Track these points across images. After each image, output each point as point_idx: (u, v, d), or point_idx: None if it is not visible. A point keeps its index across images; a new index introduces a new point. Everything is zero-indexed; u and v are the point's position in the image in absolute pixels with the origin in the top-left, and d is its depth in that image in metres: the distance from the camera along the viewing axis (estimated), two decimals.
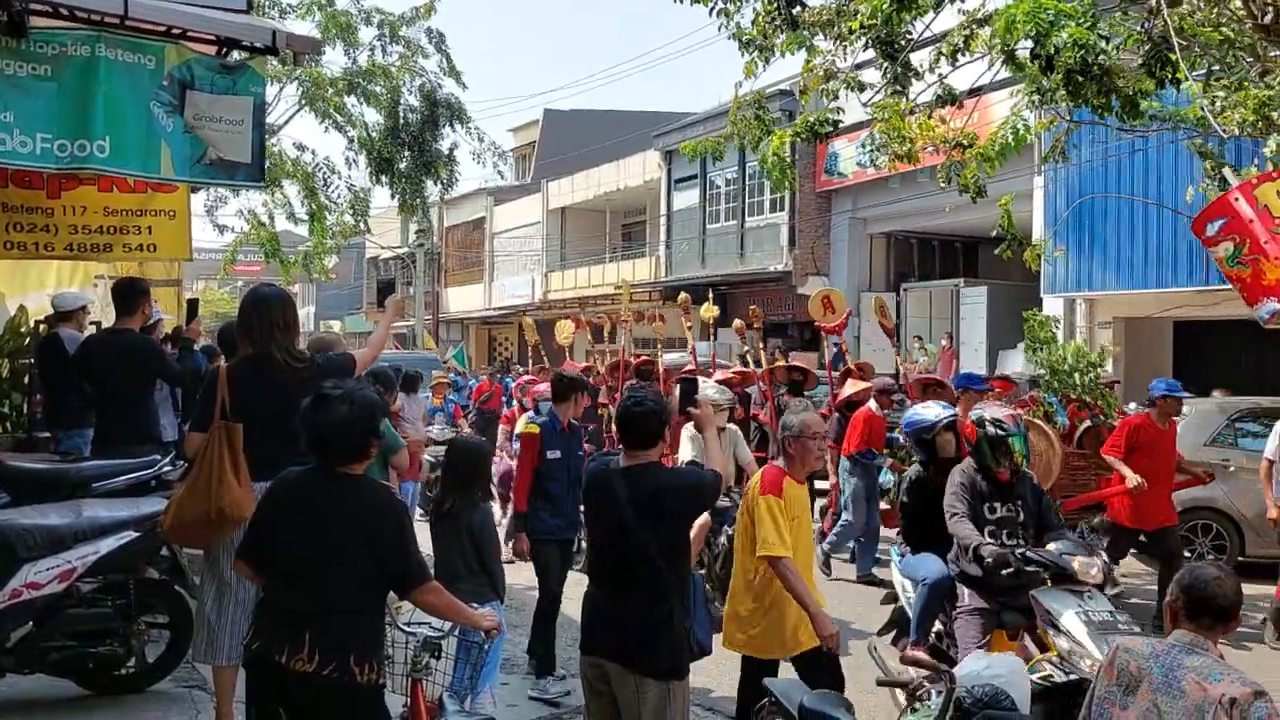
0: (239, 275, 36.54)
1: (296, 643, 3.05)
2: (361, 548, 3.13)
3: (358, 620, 3.15)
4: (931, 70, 8.03)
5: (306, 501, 3.22)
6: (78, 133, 5.12)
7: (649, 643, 3.59)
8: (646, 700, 3.56)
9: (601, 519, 3.79)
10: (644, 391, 3.94)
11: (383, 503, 3.26)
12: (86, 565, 4.41)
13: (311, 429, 3.21)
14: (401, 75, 15.41)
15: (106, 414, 6.03)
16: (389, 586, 3.25)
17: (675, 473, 4.29)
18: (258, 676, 3.18)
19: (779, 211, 20.86)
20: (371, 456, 3.31)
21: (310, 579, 3.13)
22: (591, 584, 3.84)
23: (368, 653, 3.13)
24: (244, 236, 16.74)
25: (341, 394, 3.23)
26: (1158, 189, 12.56)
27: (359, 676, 3.08)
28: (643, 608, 3.60)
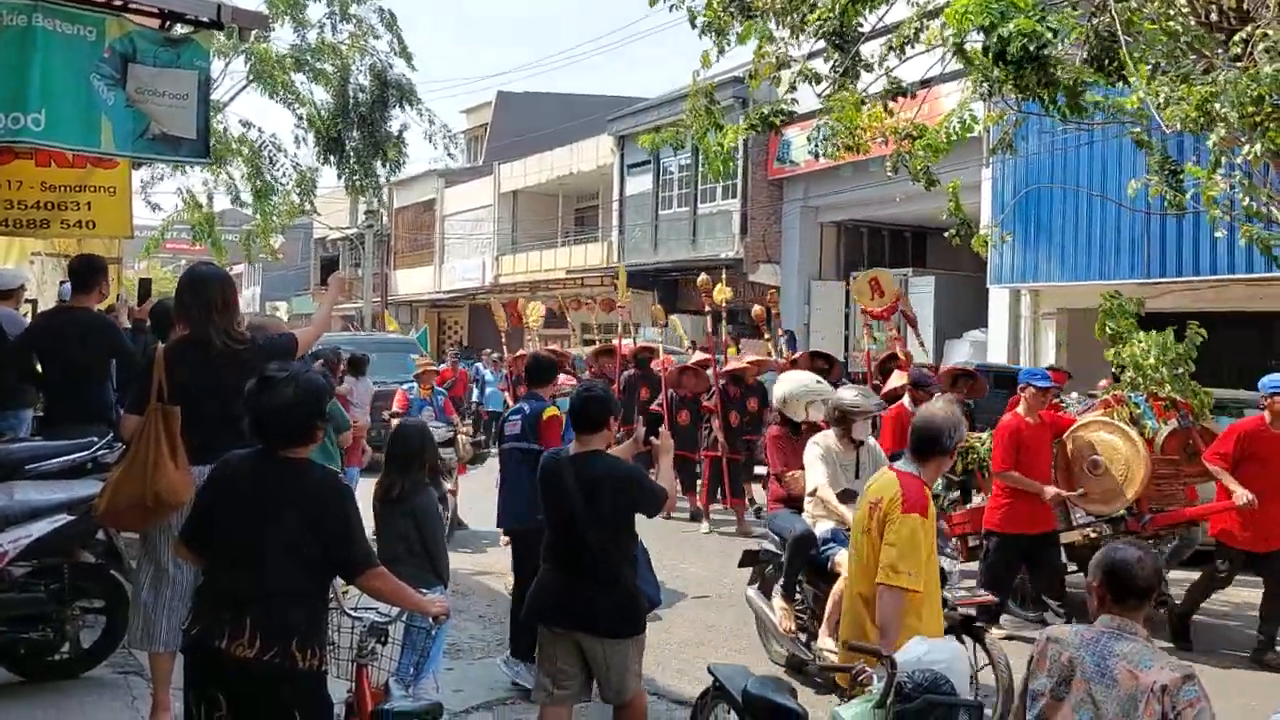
0: (181, 254, 35.87)
1: (236, 627, 3.00)
2: (305, 532, 3.09)
3: (299, 605, 3.10)
4: (881, 63, 8.10)
5: (249, 485, 3.17)
6: (11, 105, 4.97)
7: (607, 611, 4.04)
8: (614, 658, 4.04)
9: (554, 503, 4.13)
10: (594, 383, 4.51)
11: (327, 487, 3.22)
12: (19, 549, 4.30)
13: (255, 412, 3.15)
14: (352, 54, 15.18)
15: (58, 393, 5.86)
16: (335, 571, 3.22)
17: (618, 461, 4.26)
18: (196, 662, 3.13)
19: (731, 199, 20.94)
20: (317, 440, 3.26)
21: (251, 563, 3.08)
22: (548, 563, 4.18)
23: (309, 638, 3.09)
24: (176, 215, 16.40)
25: (286, 376, 3.18)
26: (1102, 181, 12.80)
27: (300, 662, 3.05)
28: (597, 582, 4.04)
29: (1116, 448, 6.72)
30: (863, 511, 3.92)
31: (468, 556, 8.91)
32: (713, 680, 4.14)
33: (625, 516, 4.14)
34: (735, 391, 10.96)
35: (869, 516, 3.85)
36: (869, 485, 4.03)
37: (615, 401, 4.28)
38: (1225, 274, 11.80)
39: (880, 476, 3.96)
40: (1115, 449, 6.72)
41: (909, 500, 3.74)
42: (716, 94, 9.03)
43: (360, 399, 10.30)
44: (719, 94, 9.21)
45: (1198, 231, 11.77)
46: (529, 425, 5.85)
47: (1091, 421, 7.01)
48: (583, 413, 4.15)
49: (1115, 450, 6.72)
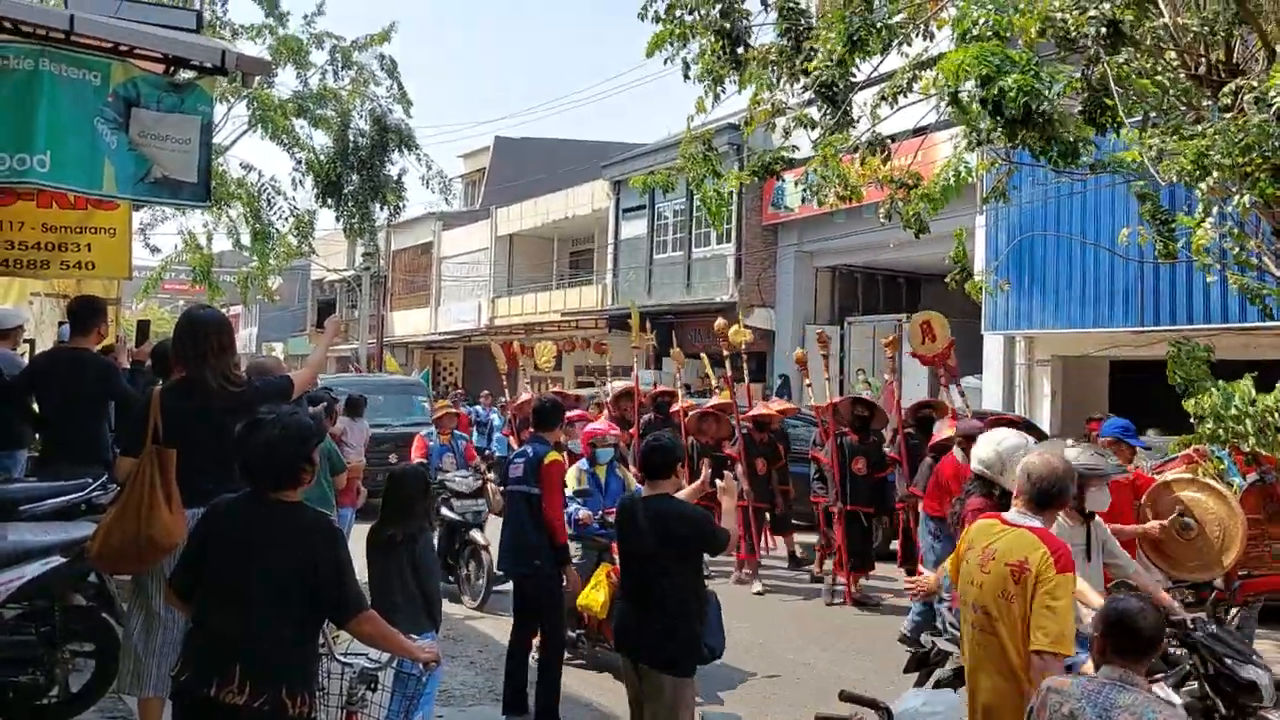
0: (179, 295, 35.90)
1: (226, 674, 2.98)
2: (294, 576, 3.07)
3: (289, 651, 3.08)
4: (873, 112, 8.21)
5: (238, 529, 3.15)
6: (18, 147, 5.01)
7: (663, 646, 4.31)
8: (662, 691, 4.27)
9: (627, 541, 4.52)
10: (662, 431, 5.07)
11: (318, 529, 3.20)
12: (9, 591, 4.26)
13: (243, 454, 3.16)
14: (353, 100, 15.36)
15: (54, 434, 5.86)
16: (325, 615, 3.19)
17: (685, 504, 4.52)
18: (185, 708, 3.09)
19: (726, 243, 21.06)
20: (305, 483, 3.23)
21: (240, 609, 3.06)
22: (622, 596, 4.61)
23: (299, 684, 3.07)
24: (175, 256, 16.47)
25: (272, 419, 3.18)
26: (1095, 229, 12.90)
27: (290, 709, 3.02)
28: (659, 617, 4.31)
29: (1209, 508, 6.07)
30: (997, 575, 3.46)
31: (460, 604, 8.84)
32: None
33: (693, 556, 4.45)
34: (761, 438, 10.55)
35: (1010, 580, 3.42)
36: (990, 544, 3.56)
37: (681, 449, 4.71)
38: (1219, 323, 11.85)
39: (1006, 535, 3.54)
40: (1208, 509, 6.08)
41: (1061, 560, 3.39)
42: (713, 140, 9.16)
43: (355, 440, 10.27)
44: (715, 140, 9.33)
45: (1190, 280, 11.85)
46: (530, 470, 5.84)
47: (1177, 479, 6.36)
48: (652, 460, 4.48)
49: (1208, 510, 6.06)
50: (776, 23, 8.40)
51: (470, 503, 9.01)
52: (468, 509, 9.00)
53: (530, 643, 5.98)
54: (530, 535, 5.82)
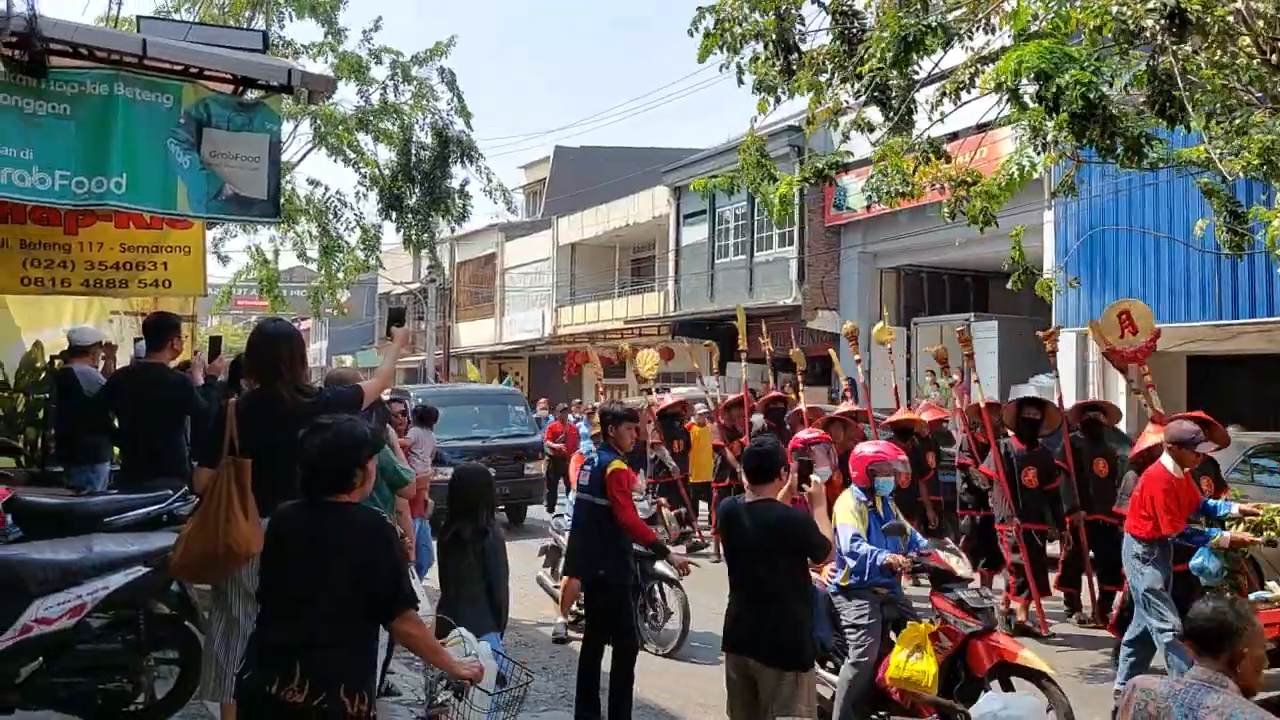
0: (251, 310, 36.77)
1: (287, 674, 3.06)
2: (349, 574, 3.15)
3: (347, 651, 3.16)
4: (934, 109, 8.09)
5: (296, 531, 3.26)
6: (95, 170, 5.18)
7: (780, 643, 4.41)
8: (782, 688, 4.35)
9: (734, 545, 4.62)
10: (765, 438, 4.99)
11: (370, 527, 3.27)
12: (97, 600, 4.39)
13: (299, 460, 3.28)
14: (415, 114, 15.58)
15: (133, 447, 6.05)
16: (374, 613, 3.24)
17: (788, 509, 4.57)
18: (249, 707, 3.19)
19: (788, 246, 20.93)
20: (355, 486, 3.30)
21: (300, 609, 3.15)
22: (732, 597, 4.64)
23: (357, 684, 3.14)
24: (244, 272, 16.85)
25: (329, 424, 3.31)
26: (1169, 222, 12.56)
27: (349, 708, 3.09)
28: (773, 616, 4.43)
29: None
30: None
31: (530, 607, 8.90)
32: None
33: (797, 558, 4.51)
34: (904, 446, 9.07)
35: None
36: None
37: (783, 454, 4.74)
38: None
39: None
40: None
41: None
42: (773, 142, 9.12)
43: (423, 450, 10.39)
44: (775, 142, 9.31)
45: (1270, 272, 11.47)
46: (596, 478, 5.88)
47: None
48: (755, 465, 4.59)
49: None
50: (830, 26, 8.33)
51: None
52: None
53: (603, 648, 6.00)
54: (596, 542, 5.87)
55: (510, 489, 13.72)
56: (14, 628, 4.22)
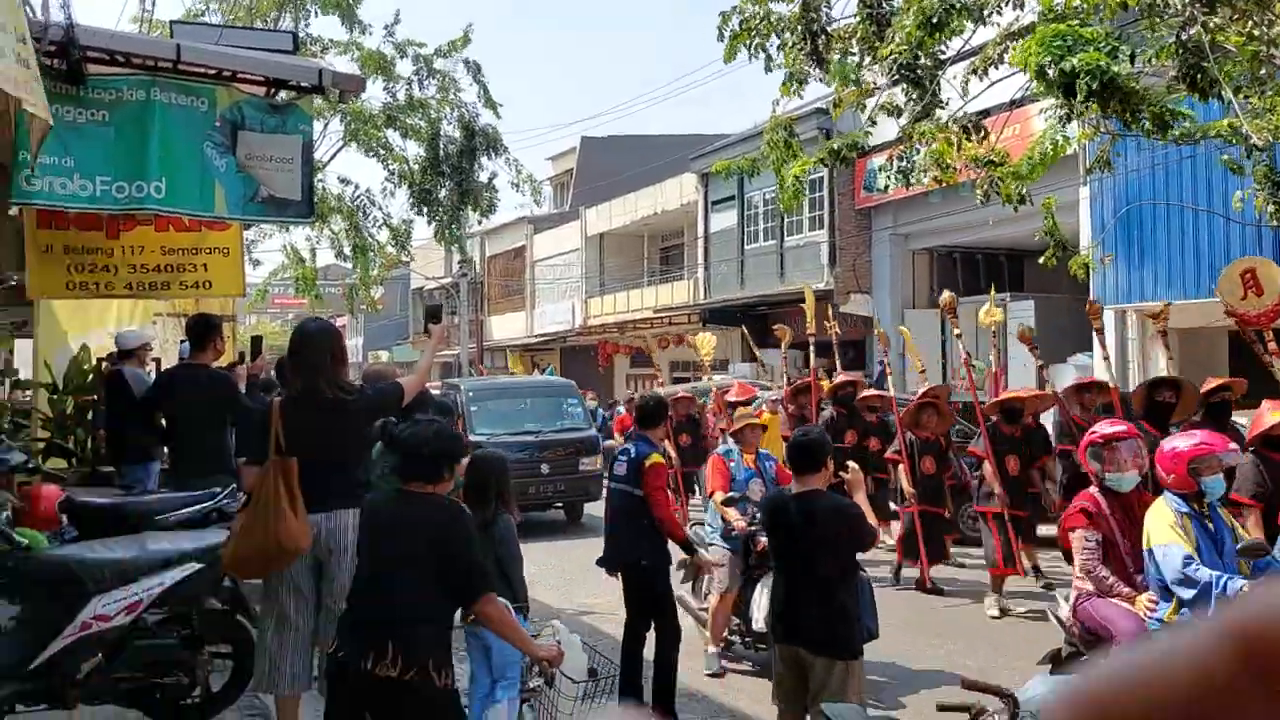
0: (288, 309, 37.13)
1: (379, 650, 3.28)
2: (433, 557, 3.38)
3: (432, 628, 3.39)
4: (964, 87, 8.03)
5: (384, 518, 3.54)
6: (135, 175, 5.28)
7: (830, 633, 4.43)
8: (833, 676, 4.36)
9: (780, 535, 4.65)
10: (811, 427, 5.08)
11: (453, 514, 3.51)
12: (152, 597, 4.48)
13: (398, 450, 3.50)
14: (442, 108, 15.65)
15: (181, 447, 6.18)
16: (456, 594, 3.48)
17: (835, 499, 4.59)
18: (343, 683, 3.41)
19: (819, 230, 20.81)
20: (444, 480, 3.54)
21: (390, 588, 3.39)
22: (779, 588, 4.66)
23: (443, 659, 3.36)
24: (279, 271, 17.05)
25: (428, 422, 3.68)
26: (1208, 195, 12.36)
27: (437, 681, 3.31)
28: (821, 605, 4.43)
29: None
30: None
31: (568, 595, 8.95)
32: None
33: (845, 547, 4.53)
34: (1012, 431, 8.73)
35: None
36: None
37: (830, 444, 4.69)
38: None
39: None
40: None
41: None
42: (801, 125, 9.08)
43: None
44: (803, 125, 9.27)
45: None
46: (633, 470, 5.87)
47: None
48: (802, 454, 4.56)
49: None
50: (859, 8, 8.29)
51: None
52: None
53: (644, 635, 6.03)
54: (632, 532, 5.89)
55: (566, 486, 13.46)
56: (74, 625, 4.32)
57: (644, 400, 6.34)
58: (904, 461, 9.09)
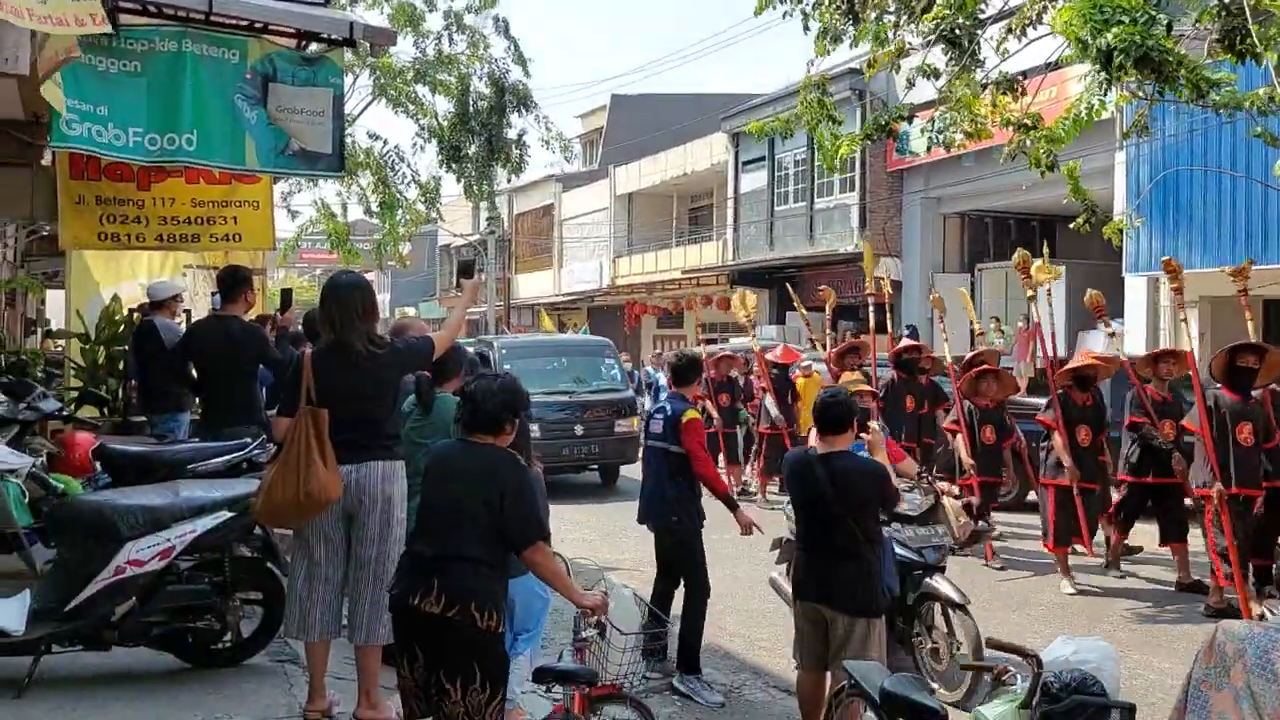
0: (316, 264, 37.32)
1: (427, 587, 3.46)
2: (484, 506, 3.54)
3: (479, 571, 3.52)
4: (1000, 48, 7.88)
5: (445, 465, 3.71)
6: (167, 126, 5.31)
7: (852, 591, 4.49)
8: (854, 634, 4.45)
9: (804, 494, 4.67)
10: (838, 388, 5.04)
11: (509, 464, 3.66)
12: (185, 543, 4.57)
13: (465, 402, 3.73)
14: (472, 63, 15.58)
15: (212, 397, 6.26)
16: (508, 541, 3.60)
17: (861, 459, 4.66)
18: (398, 617, 3.62)
19: (849, 192, 20.62)
20: (504, 432, 3.71)
21: (443, 530, 3.58)
22: (802, 547, 4.71)
23: (487, 601, 3.49)
24: (311, 224, 17.09)
25: (494, 376, 3.88)
26: (1246, 161, 12.12)
27: (479, 621, 3.45)
28: (844, 563, 4.50)
29: None
30: None
31: (593, 551, 9.03)
32: (848, 678, 4.11)
33: (871, 506, 4.62)
34: (1084, 399, 8.28)
35: None
36: None
37: (857, 406, 4.75)
38: None
39: None
40: None
41: None
42: (834, 84, 8.95)
43: None
44: (836, 85, 9.12)
45: None
46: (670, 427, 5.89)
47: None
48: (827, 416, 4.61)
49: None
50: None
51: (925, 532, 5.87)
52: (923, 543, 5.80)
53: (672, 593, 6.08)
54: (668, 490, 5.90)
55: (601, 448, 13.14)
56: (108, 569, 4.41)
57: (678, 357, 6.34)
58: (963, 431, 8.76)
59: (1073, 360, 8.67)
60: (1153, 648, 6.33)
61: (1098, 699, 3.30)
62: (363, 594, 4.32)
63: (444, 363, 5.15)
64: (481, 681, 3.47)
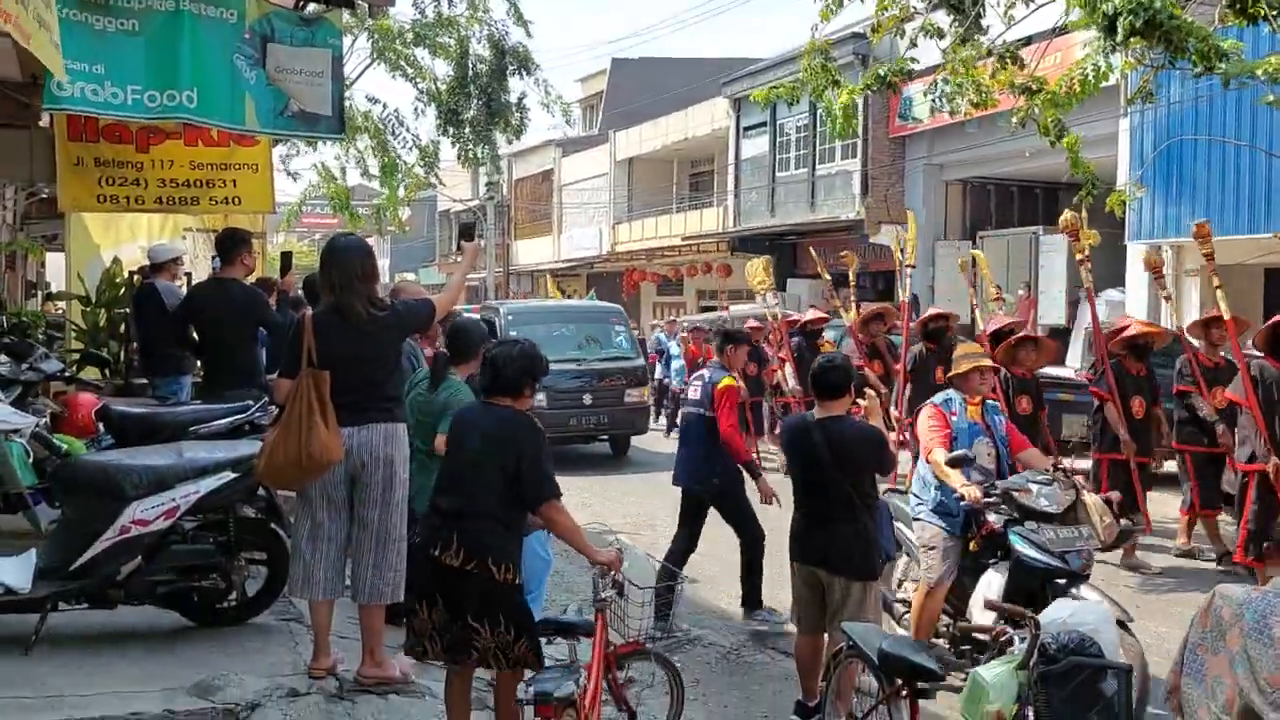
0: (316, 229, 37.18)
1: (446, 541, 3.70)
2: (501, 465, 3.73)
3: (495, 527, 3.73)
4: (1007, 12, 7.81)
5: (468, 425, 3.92)
6: (166, 83, 5.28)
7: (848, 554, 4.56)
8: (850, 596, 4.53)
9: (803, 461, 4.71)
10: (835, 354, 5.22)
11: (524, 427, 3.84)
12: (189, 504, 4.58)
13: (488, 365, 3.92)
14: (471, 25, 15.41)
15: (213, 360, 6.28)
16: (524, 499, 3.78)
17: (858, 424, 4.74)
18: (418, 566, 3.86)
19: (851, 158, 20.50)
20: (524, 396, 3.90)
21: (464, 486, 3.79)
22: (798, 511, 4.77)
23: (503, 556, 3.70)
24: (313, 189, 16.99)
25: (514, 341, 4.06)
26: (1251, 130, 12.05)
27: (496, 575, 3.66)
28: (841, 527, 4.57)
29: None
30: None
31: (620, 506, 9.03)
32: (846, 639, 4.15)
33: (867, 470, 4.70)
34: (1138, 369, 7.82)
35: None
36: None
37: (855, 371, 4.81)
38: None
39: None
40: None
41: None
42: (835, 50, 8.87)
43: None
44: (838, 50, 9.04)
45: None
46: (707, 394, 6.14)
47: None
48: (824, 381, 4.69)
49: None
50: None
51: (1068, 534, 4.94)
52: (1066, 546, 4.88)
53: (687, 556, 6.29)
54: (706, 452, 6.12)
55: (609, 418, 12.84)
56: (113, 528, 4.44)
57: (726, 329, 6.61)
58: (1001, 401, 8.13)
59: (1126, 327, 8.13)
60: (1149, 612, 6.40)
61: (1094, 660, 3.35)
62: (366, 554, 4.33)
63: (463, 342, 5.19)
64: (506, 625, 3.68)
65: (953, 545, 5.20)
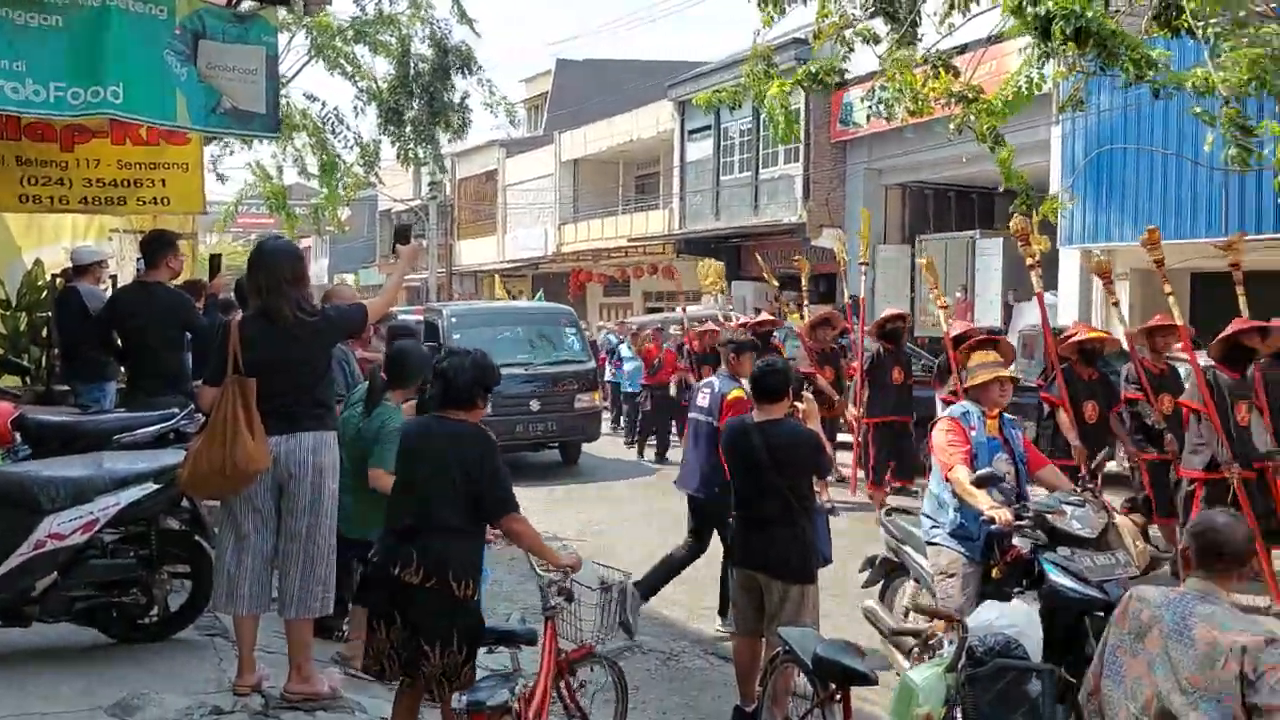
0: (252, 229, 36.55)
1: (407, 557, 3.65)
2: (458, 479, 3.70)
3: (455, 543, 3.70)
4: (943, 21, 7.92)
5: (420, 440, 3.87)
6: (91, 79, 5.11)
7: (786, 557, 4.58)
8: (788, 599, 4.55)
9: (743, 463, 4.73)
10: (775, 358, 5.13)
11: (479, 440, 3.80)
12: (108, 516, 4.44)
13: (438, 378, 3.87)
14: (413, 24, 15.23)
15: (137, 365, 6.09)
16: (483, 512, 3.78)
17: (796, 427, 4.80)
18: (376, 585, 3.79)
19: (794, 163, 20.67)
20: (476, 408, 3.85)
21: (421, 503, 3.73)
22: (739, 514, 4.79)
23: (464, 571, 3.68)
24: (249, 188, 16.66)
25: (466, 353, 3.96)
26: (1178, 138, 12.37)
27: (456, 590, 3.64)
28: (779, 531, 4.59)
29: None
30: None
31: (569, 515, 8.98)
32: (782, 644, 4.16)
33: (805, 474, 4.76)
34: (1089, 374, 7.65)
35: None
36: None
37: (794, 375, 4.85)
38: None
39: None
40: None
41: None
42: (778, 55, 8.94)
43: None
44: (781, 55, 9.11)
45: None
46: (715, 402, 6.15)
47: None
48: (763, 384, 4.74)
49: None
50: None
51: (1105, 561, 4.50)
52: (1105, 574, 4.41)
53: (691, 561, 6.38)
54: (712, 460, 6.05)
55: (558, 425, 12.30)
56: (28, 543, 4.28)
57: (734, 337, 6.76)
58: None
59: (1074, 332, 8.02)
60: None
61: (1020, 663, 3.39)
62: (293, 567, 4.24)
63: (402, 369, 5.04)
64: (458, 644, 3.66)
65: (973, 572, 4.67)
